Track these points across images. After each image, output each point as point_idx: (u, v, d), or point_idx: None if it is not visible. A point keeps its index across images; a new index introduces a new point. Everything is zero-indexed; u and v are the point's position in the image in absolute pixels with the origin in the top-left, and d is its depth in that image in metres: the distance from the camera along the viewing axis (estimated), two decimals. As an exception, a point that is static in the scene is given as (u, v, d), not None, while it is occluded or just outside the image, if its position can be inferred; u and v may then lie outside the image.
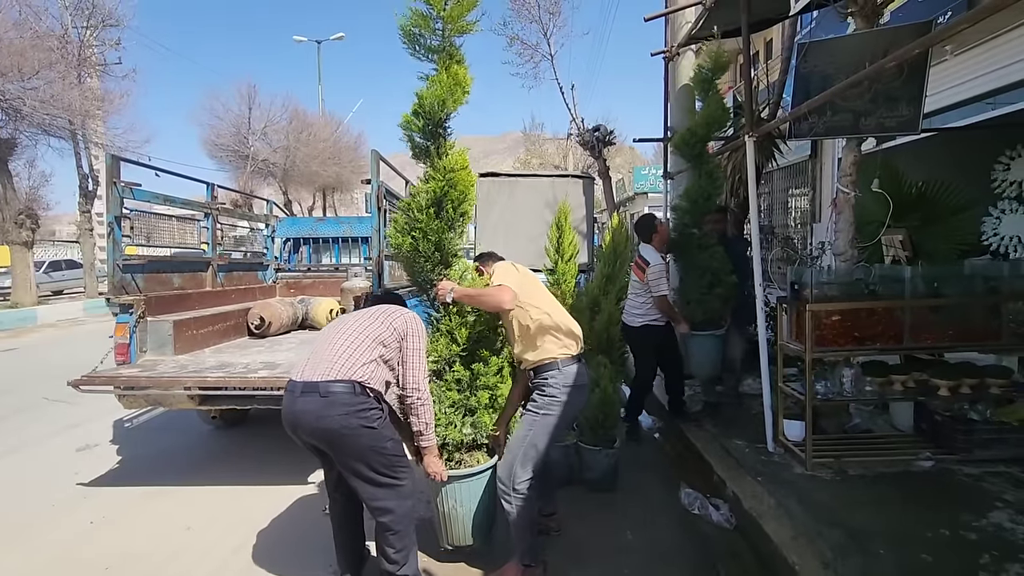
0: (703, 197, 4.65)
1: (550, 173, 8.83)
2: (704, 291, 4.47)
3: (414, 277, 2.81)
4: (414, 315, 2.53)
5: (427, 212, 2.60)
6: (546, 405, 2.52)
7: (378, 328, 2.39)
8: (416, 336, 2.45)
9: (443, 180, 2.62)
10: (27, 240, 10.58)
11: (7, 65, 9.32)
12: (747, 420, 4.41)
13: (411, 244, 2.63)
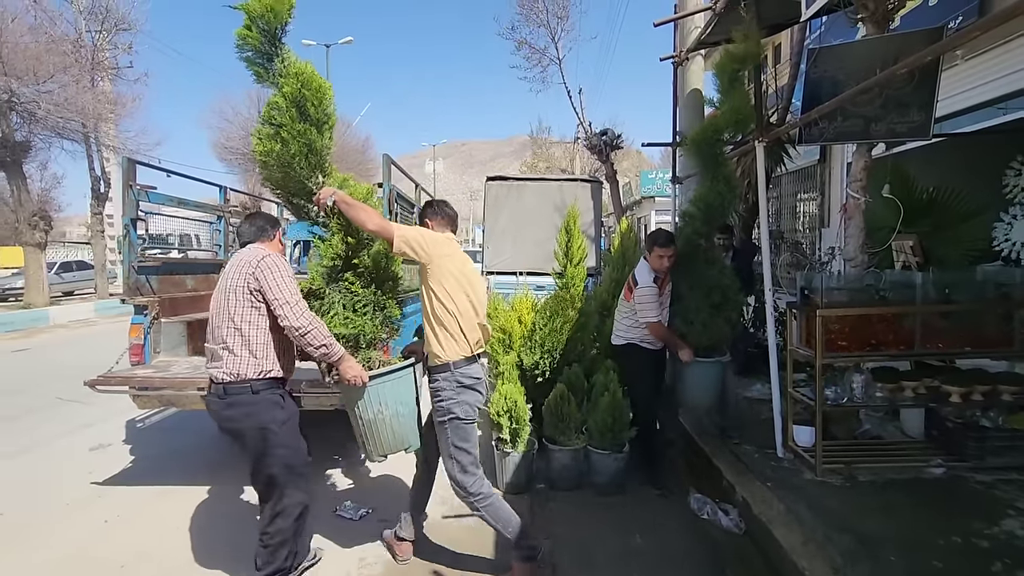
0: (718, 204, 3.99)
1: (558, 177, 8.87)
2: (712, 311, 3.85)
3: (288, 189, 2.67)
4: (263, 259, 2.37)
5: (289, 114, 2.50)
6: (445, 412, 2.51)
7: (236, 304, 2.33)
8: (272, 283, 2.32)
9: (296, 81, 2.51)
10: (40, 242, 10.72)
11: (23, 69, 9.47)
12: (756, 425, 4.39)
13: (282, 148, 2.51)
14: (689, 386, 3.88)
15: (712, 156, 4.11)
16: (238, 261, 2.40)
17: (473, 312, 2.54)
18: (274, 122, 2.52)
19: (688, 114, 6.03)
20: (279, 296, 2.29)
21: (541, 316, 4.20)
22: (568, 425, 3.45)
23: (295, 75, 2.54)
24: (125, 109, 11.99)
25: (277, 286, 2.30)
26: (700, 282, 3.92)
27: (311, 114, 2.55)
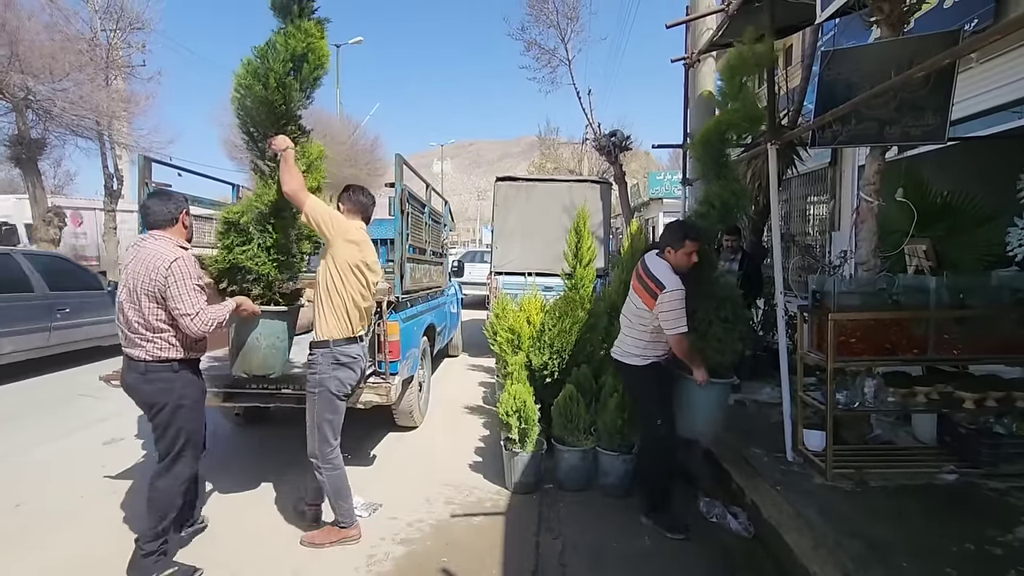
0: (734, 203, 3.70)
1: (567, 178, 8.86)
2: (725, 327, 3.48)
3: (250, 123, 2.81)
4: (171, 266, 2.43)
5: (284, 64, 2.66)
6: (318, 384, 2.75)
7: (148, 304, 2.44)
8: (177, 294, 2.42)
9: (304, 40, 2.66)
10: (55, 238, 10.85)
11: (39, 67, 9.58)
12: (765, 429, 4.38)
13: (261, 92, 2.64)
14: (696, 411, 3.37)
15: (720, 156, 3.84)
16: (146, 258, 2.45)
17: (360, 298, 2.79)
18: (267, 62, 2.66)
19: (699, 116, 6.01)
20: (181, 307, 2.43)
21: (550, 317, 4.21)
22: (577, 426, 3.46)
23: (305, 32, 2.66)
24: (139, 107, 12.12)
25: (181, 298, 2.43)
26: (708, 291, 3.49)
27: (303, 73, 2.74)
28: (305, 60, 2.69)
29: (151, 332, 2.47)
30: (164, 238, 2.54)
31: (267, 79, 2.63)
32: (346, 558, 2.75)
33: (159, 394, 2.51)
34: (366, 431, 4.50)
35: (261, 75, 2.65)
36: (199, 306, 2.46)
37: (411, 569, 2.66)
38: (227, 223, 2.93)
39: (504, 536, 2.94)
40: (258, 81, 2.64)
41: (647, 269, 3.07)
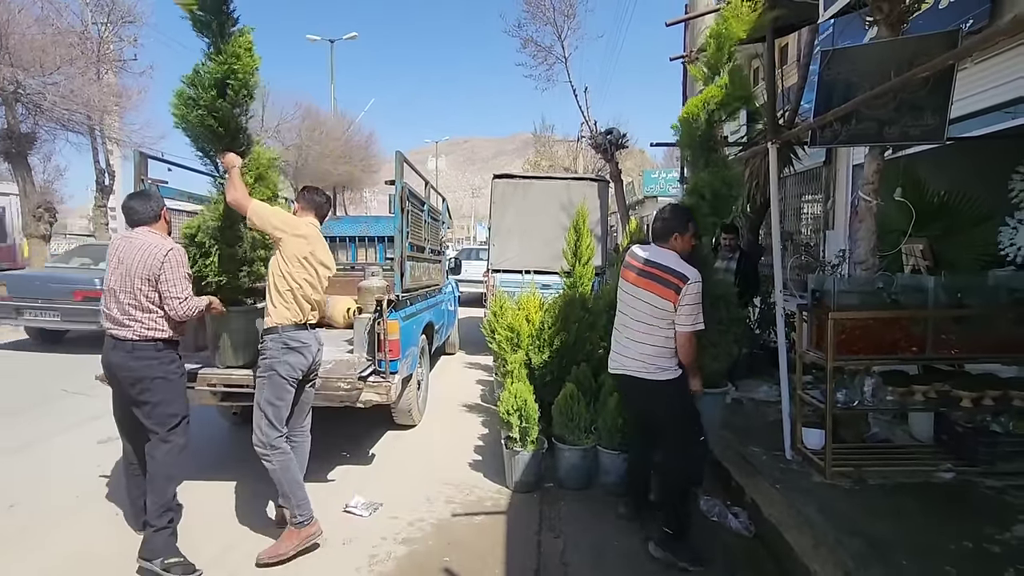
0: (726, 192, 3.41)
1: (565, 175, 8.85)
2: (720, 329, 3.22)
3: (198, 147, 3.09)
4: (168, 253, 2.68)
5: (210, 92, 2.82)
6: (267, 368, 2.82)
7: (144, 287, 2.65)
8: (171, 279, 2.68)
9: (225, 63, 2.82)
10: (45, 233, 10.72)
11: (29, 60, 9.44)
12: (762, 427, 4.40)
13: (198, 118, 2.86)
14: None
15: (708, 139, 3.62)
16: (142, 246, 2.68)
17: (310, 288, 2.90)
18: (196, 87, 2.83)
19: (697, 114, 6.02)
20: (173, 291, 2.69)
21: (550, 315, 4.20)
22: (578, 424, 3.45)
23: (227, 54, 2.81)
24: (130, 102, 11.98)
25: (174, 283, 2.69)
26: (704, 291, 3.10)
27: (231, 94, 2.86)
28: (229, 82, 2.84)
29: (141, 312, 2.67)
30: (152, 233, 2.78)
31: (197, 103, 2.84)
32: (348, 557, 2.73)
33: (145, 369, 2.68)
34: (364, 430, 4.48)
35: (191, 103, 2.86)
36: (187, 292, 2.74)
37: (413, 569, 2.65)
38: (187, 237, 3.19)
39: (506, 535, 2.93)
40: (190, 108, 2.85)
41: (654, 262, 2.75)
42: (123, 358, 2.69)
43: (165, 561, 2.60)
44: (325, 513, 3.19)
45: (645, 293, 2.75)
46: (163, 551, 2.62)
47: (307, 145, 21.87)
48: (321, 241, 3.00)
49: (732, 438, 4.16)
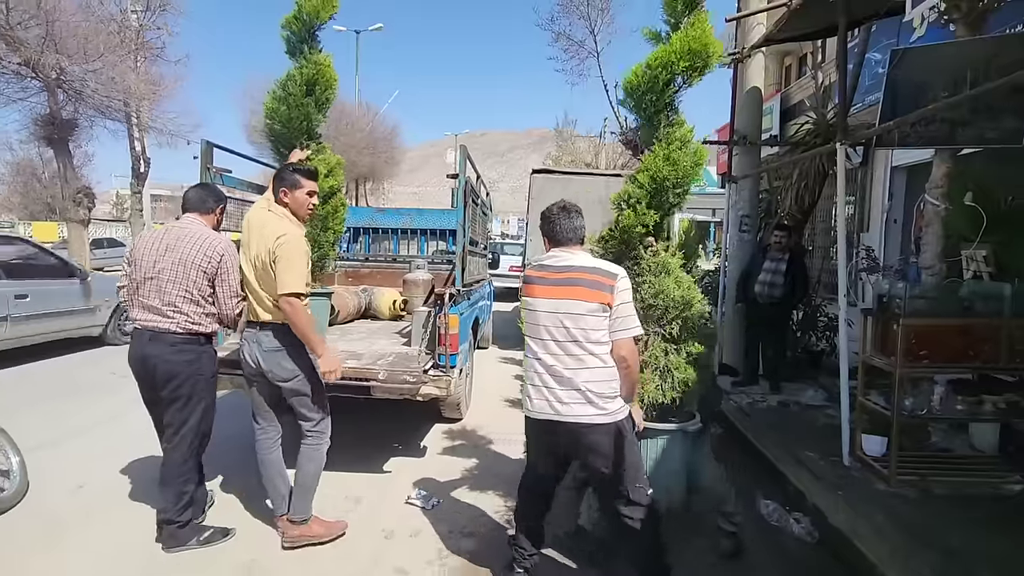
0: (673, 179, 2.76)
1: (604, 171, 8.78)
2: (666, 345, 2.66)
3: (281, 142, 3.37)
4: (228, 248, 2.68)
5: (300, 88, 3.23)
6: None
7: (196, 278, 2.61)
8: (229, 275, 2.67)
9: (314, 68, 3.25)
10: (83, 218, 10.93)
11: (73, 48, 9.60)
12: (813, 432, 4.34)
13: (285, 113, 3.26)
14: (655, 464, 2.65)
15: (660, 108, 2.87)
16: (195, 236, 2.64)
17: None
18: (287, 89, 3.26)
19: (747, 112, 5.92)
20: (231, 288, 2.67)
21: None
22: (638, 424, 3.41)
23: (315, 63, 3.27)
24: (167, 90, 12.15)
25: (231, 281, 2.67)
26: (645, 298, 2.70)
27: (316, 94, 3.32)
28: (317, 84, 3.28)
29: (189, 304, 2.60)
30: (202, 223, 2.74)
31: (288, 101, 3.25)
32: (418, 550, 2.76)
33: (185, 365, 2.62)
34: (412, 423, 4.50)
35: (283, 99, 3.27)
36: (238, 286, 2.70)
37: (486, 563, 2.66)
38: None
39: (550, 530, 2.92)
40: (281, 104, 3.26)
41: (564, 266, 2.21)
42: (163, 351, 2.59)
43: (200, 539, 2.71)
44: (389, 504, 3.24)
45: (569, 303, 2.15)
46: (192, 534, 2.71)
47: (333, 136, 21.92)
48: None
49: (782, 441, 4.11)
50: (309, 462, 2.75)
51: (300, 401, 2.72)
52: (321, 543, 2.73)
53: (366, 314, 5.35)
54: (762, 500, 3.32)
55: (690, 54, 2.67)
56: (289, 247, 2.50)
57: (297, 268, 2.50)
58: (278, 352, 2.62)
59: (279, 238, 2.50)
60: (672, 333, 2.52)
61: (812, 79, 8.50)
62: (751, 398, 5.22)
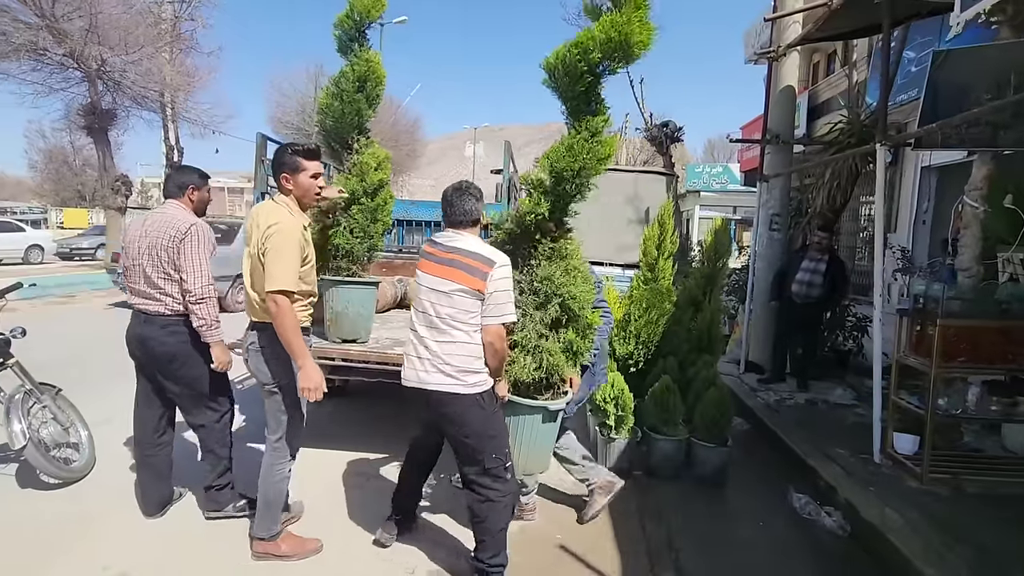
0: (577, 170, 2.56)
1: (633, 168, 8.82)
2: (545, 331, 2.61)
3: (333, 136, 3.50)
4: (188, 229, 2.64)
5: (353, 84, 3.34)
6: None
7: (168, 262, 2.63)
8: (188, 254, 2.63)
9: (365, 65, 3.36)
10: (121, 205, 11.27)
11: (114, 39, 9.88)
12: (843, 429, 4.40)
13: (339, 108, 3.36)
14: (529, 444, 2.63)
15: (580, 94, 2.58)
16: (164, 221, 2.68)
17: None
18: (340, 86, 3.36)
19: (780, 111, 5.93)
20: (191, 273, 2.62)
21: (637, 308, 4.26)
22: (673, 416, 3.53)
23: (366, 60, 3.38)
24: (202, 81, 12.45)
25: (192, 263, 2.63)
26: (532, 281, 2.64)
27: (368, 90, 3.41)
28: (367, 80, 3.39)
29: (171, 286, 2.65)
30: (178, 207, 2.78)
31: (341, 97, 3.35)
32: (465, 529, 2.88)
33: (181, 345, 2.69)
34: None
35: (336, 95, 3.35)
36: (203, 268, 2.65)
37: (527, 544, 2.79)
38: (319, 211, 3.46)
39: (611, 519, 3.04)
40: (335, 100, 3.36)
41: (450, 247, 2.30)
42: (157, 332, 2.67)
43: (236, 505, 2.86)
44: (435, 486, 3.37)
45: (446, 283, 2.25)
46: (230, 499, 2.86)
47: (357, 128, 22.17)
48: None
49: (811, 437, 4.17)
50: (266, 480, 2.54)
51: (270, 410, 2.52)
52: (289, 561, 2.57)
53: (401, 304, 5.49)
54: (794, 493, 3.40)
55: (609, 44, 2.44)
56: (279, 238, 2.27)
57: (286, 261, 2.26)
58: (258, 353, 2.45)
59: (269, 227, 2.29)
60: (551, 318, 2.53)
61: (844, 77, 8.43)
62: (778, 395, 5.28)
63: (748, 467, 3.89)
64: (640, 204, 7.26)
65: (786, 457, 4.08)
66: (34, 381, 3.17)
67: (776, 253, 6.03)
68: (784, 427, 4.46)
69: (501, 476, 2.33)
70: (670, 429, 3.53)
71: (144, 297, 2.70)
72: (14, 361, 3.08)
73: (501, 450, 2.34)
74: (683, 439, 3.52)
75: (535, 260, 2.66)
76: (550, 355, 2.50)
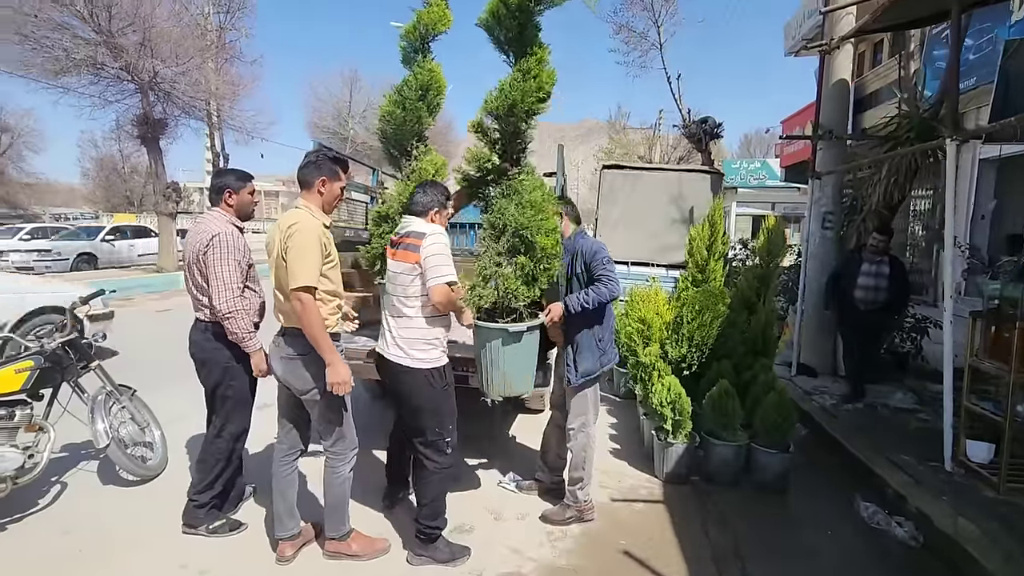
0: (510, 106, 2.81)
1: (677, 167, 8.70)
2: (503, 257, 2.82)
3: (392, 143, 3.51)
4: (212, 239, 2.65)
5: (415, 92, 3.34)
6: None
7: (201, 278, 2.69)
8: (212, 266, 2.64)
9: (428, 74, 3.36)
10: (172, 211, 11.73)
11: (166, 52, 10.28)
12: (907, 435, 4.25)
13: (401, 115, 3.35)
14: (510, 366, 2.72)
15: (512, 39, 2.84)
16: (198, 230, 2.74)
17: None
18: (402, 94, 3.38)
19: (833, 105, 5.76)
20: (213, 282, 2.64)
21: (689, 310, 4.20)
22: (732, 421, 3.47)
23: (429, 70, 3.42)
24: (246, 89, 12.86)
25: (215, 273, 2.63)
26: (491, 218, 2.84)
27: (429, 98, 3.42)
28: (429, 89, 3.40)
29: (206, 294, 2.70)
30: (217, 214, 2.81)
31: (404, 104, 3.37)
32: (528, 531, 2.90)
33: (215, 352, 2.74)
34: (495, 413, 4.66)
35: (399, 103, 3.37)
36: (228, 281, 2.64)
37: (591, 547, 2.79)
38: (379, 216, 3.51)
39: (672, 524, 3.01)
40: (397, 107, 3.38)
41: (406, 232, 2.59)
42: (199, 337, 2.77)
43: (210, 527, 2.80)
44: (487, 489, 3.40)
45: (398, 264, 2.54)
46: (205, 520, 2.80)
47: (392, 131, 22.49)
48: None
49: (873, 443, 4.03)
50: (330, 485, 2.61)
51: (316, 417, 2.54)
52: (360, 560, 2.63)
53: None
54: (861, 502, 3.30)
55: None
56: (299, 236, 2.32)
57: (309, 259, 2.31)
58: (293, 360, 2.46)
59: (291, 227, 2.33)
60: (505, 248, 2.77)
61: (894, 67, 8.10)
62: (834, 399, 5.12)
63: (808, 473, 3.78)
64: (684, 204, 7.14)
65: (848, 463, 3.96)
66: (113, 383, 3.33)
67: (829, 252, 5.85)
68: (844, 432, 4.33)
69: (441, 450, 2.60)
70: (729, 434, 3.47)
71: (194, 300, 2.81)
72: (96, 364, 3.24)
73: (444, 426, 2.60)
74: (743, 444, 3.46)
75: (495, 200, 2.95)
76: (505, 280, 2.71)
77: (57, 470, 3.36)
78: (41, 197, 34.28)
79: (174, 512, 2.93)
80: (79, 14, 9.57)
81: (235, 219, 2.83)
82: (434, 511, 2.62)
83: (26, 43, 9.51)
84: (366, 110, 22.17)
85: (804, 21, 14.11)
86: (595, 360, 2.96)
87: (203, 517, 2.81)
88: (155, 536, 2.79)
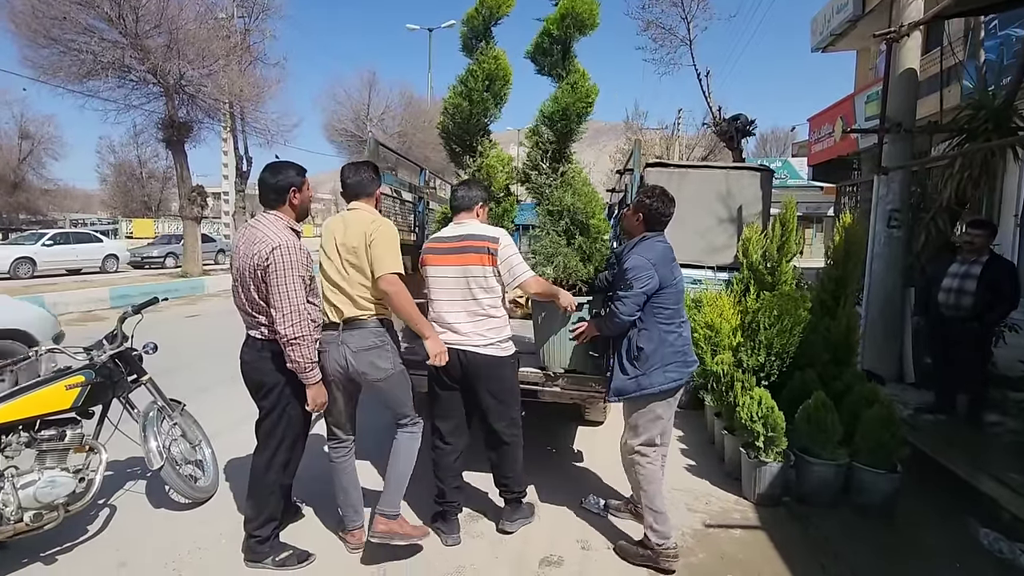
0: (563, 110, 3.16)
1: (725, 164, 8.40)
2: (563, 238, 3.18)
3: (454, 139, 3.49)
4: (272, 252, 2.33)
5: (482, 83, 3.28)
6: None
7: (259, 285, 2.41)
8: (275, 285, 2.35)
9: (493, 63, 3.28)
10: (197, 215, 11.62)
11: (192, 55, 10.17)
12: (998, 449, 3.93)
13: (467, 108, 3.32)
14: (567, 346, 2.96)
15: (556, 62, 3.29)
16: (253, 238, 2.40)
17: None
18: (468, 85, 3.28)
19: (900, 97, 5.43)
20: (276, 303, 2.35)
21: (766, 315, 3.91)
22: (830, 437, 3.17)
23: (494, 57, 3.29)
24: (270, 92, 12.73)
25: (279, 294, 2.34)
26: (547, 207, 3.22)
27: (495, 88, 3.32)
28: (495, 78, 3.32)
29: (263, 310, 2.42)
30: (275, 218, 2.47)
31: (470, 96, 3.30)
32: (627, 566, 2.63)
33: (271, 373, 2.47)
34: (556, 425, 4.39)
35: (464, 95, 3.31)
36: (294, 302, 2.34)
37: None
38: (445, 217, 3.46)
39: (779, 554, 2.72)
40: (463, 99, 3.31)
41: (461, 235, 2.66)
42: (254, 357, 2.49)
43: (275, 559, 2.55)
44: (568, 511, 3.14)
45: (465, 268, 2.62)
46: (270, 552, 2.56)
47: (410, 132, 22.42)
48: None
49: (974, 460, 3.71)
50: (404, 456, 2.61)
51: (395, 399, 2.59)
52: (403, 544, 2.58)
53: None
54: (981, 529, 2.99)
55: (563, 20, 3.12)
56: (387, 228, 2.51)
57: (396, 250, 2.48)
58: (371, 351, 2.48)
59: (374, 222, 2.50)
60: (562, 229, 3.14)
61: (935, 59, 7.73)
62: (909, 409, 4.79)
63: (905, 492, 3.48)
64: (732, 203, 6.83)
65: (945, 480, 3.64)
66: (165, 397, 3.12)
67: (896, 253, 5.52)
68: (934, 446, 4.00)
69: (519, 424, 2.83)
70: (827, 451, 3.17)
71: (246, 316, 2.51)
72: (148, 377, 3.03)
73: (519, 402, 2.85)
74: (844, 463, 3.16)
75: (550, 189, 3.26)
76: (566, 258, 3.03)
77: (104, 491, 3.12)
78: (60, 203, 34.63)
79: (232, 537, 2.73)
80: (107, 16, 9.47)
81: (292, 222, 2.52)
82: (520, 478, 2.89)
83: (54, 46, 9.44)
84: (383, 113, 22.03)
85: (833, 16, 13.77)
86: (629, 380, 2.60)
87: (268, 550, 2.58)
88: (222, 568, 2.57)
